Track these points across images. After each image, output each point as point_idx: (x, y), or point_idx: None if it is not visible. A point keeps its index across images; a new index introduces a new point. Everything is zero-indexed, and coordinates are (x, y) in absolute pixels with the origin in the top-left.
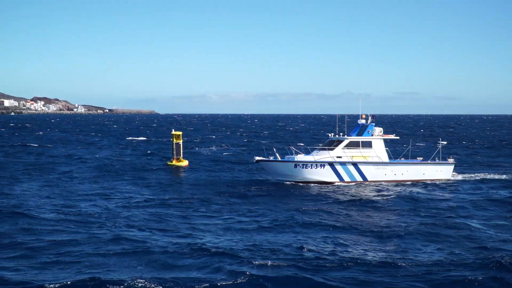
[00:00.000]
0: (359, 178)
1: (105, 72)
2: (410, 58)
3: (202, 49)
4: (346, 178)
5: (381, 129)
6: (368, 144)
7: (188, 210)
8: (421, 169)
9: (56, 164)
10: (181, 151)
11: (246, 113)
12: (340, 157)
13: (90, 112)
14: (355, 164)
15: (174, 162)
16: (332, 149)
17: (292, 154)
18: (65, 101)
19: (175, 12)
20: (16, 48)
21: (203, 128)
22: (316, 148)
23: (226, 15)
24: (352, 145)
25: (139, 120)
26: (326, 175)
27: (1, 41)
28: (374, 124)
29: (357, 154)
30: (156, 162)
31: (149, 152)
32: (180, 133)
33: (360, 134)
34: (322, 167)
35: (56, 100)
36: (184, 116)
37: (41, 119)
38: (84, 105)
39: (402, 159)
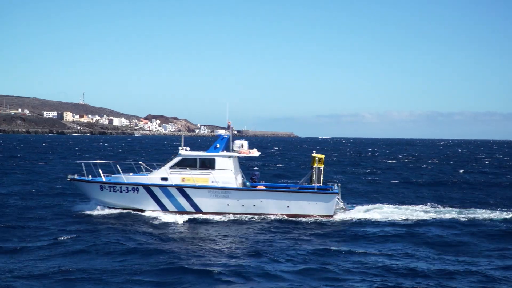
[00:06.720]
0: (189, 209)
1: (232, 87)
2: None
3: (354, 58)
4: (171, 207)
5: (244, 142)
6: (209, 163)
7: None
8: (283, 200)
9: None
10: (321, 180)
11: (407, 137)
12: (166, 179)
13: (214, 134)
14: (181, 189)
15: None
16: (159, 168)
17: (141, 171)
18: (185, 120)
19: (319, 20)
20: (129, 61)
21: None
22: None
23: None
24: (186, 163)
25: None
26: (140, 202)
27: (113, 52)
28: (228, 136)
29: (188, 176)
30: None
31: None
32: (323, 156)
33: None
34: (135, 191)
35: (174, 119)
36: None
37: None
38: (208, 125)
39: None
